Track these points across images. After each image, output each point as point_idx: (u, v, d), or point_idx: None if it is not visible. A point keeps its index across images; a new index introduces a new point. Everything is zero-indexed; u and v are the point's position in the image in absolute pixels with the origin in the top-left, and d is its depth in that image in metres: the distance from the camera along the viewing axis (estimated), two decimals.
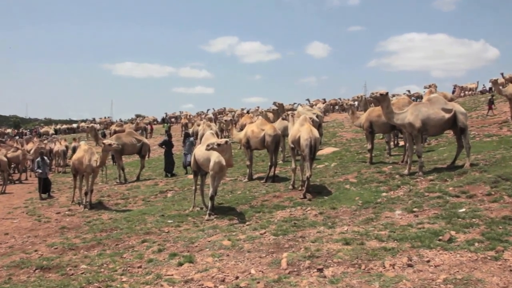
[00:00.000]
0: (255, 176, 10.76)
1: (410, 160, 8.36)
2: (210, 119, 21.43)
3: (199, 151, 7.70)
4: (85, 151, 9.40)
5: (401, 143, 12.32)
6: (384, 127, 10.03)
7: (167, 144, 13.80)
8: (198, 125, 19.27)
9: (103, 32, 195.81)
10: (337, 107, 34.53)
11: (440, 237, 4.66)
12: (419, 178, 7.71)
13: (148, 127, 30.91)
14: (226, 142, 6.61)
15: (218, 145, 6.50)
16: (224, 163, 6.87)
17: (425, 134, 8.75)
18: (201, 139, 10.59)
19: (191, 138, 14.23)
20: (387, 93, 8.30)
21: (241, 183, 10.05)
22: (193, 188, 8.27)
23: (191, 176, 10.97)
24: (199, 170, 7.93)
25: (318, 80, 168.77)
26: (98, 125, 30.43)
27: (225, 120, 12.16)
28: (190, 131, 18.75)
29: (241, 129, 15.60)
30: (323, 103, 33.45)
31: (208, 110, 35.30)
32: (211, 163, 7.10)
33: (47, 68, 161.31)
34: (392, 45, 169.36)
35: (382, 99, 8.23)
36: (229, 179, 10.88)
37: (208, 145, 6.51)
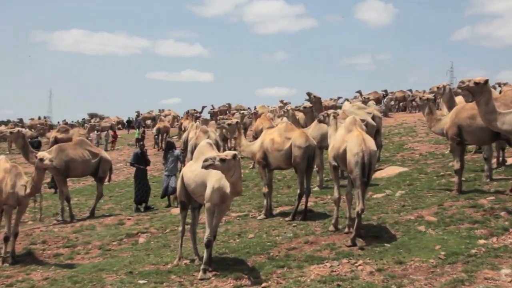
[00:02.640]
0: (276, 211, 10.80)
1: None
2: (206, 122, 21.57)
3: (190, 171, 7.76)
4: (6, 172, 9.29)
5: (510, 160, 12.21)
6: (481, 135, 9.96)
7: (140, 161, 13.96)
8: (188, 131, 19.45)
9: None
10: (405, 104, 34.48)
11: None
12: None
13: (110, 133, 31.41)
14: (234, 156, 6.64)
15: (222, 160, 6.51)
16: (228, 190, 6.90)
17: None
18: (192, 153, 10.66)
19: (177, 151, 14.36)
20: (486, 82, 8.25)
21: (254, 222, 10.10)
22: (180, 229, 8.31)
23: (176, 211, 11.03)
24: (189, 201, 7.99)
25: (374, 61, 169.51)
26: (27, 129, 30.40)
27: (229, 124, 12.16)
28: (177, 139, 18.88)
29: (255, 138, 15.71)
30: (384, 96, 33.53)
31: (203, 107, 35.81)
32: (208, 190, 7.13)
33: None
34: (494, 4, 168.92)
35: (478, 91, 8.21)
36: (235, 214, 10.94)
37: (205, 161, 6.52)
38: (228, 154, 6.66)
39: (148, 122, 39.36)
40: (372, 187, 11.71)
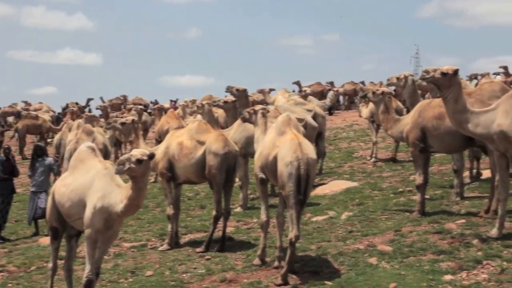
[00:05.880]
0: (184, 239, 10.77)
1: (502, 209, 8.61)
2: (93, 120, 21.09)
3: (64, 186, 7.61)
4: None
5: (486, 173, 12.66)
6: (450, 141, 10.32)
7: (4, 169, 13.53)
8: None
9: None
10: (356, 99, 35.36)
11: None
12: None
13: None
14: (151, 156, 6.80)
15: (139, 162, 6.60)
16: (117, 209, 6.85)
17: None
18: (69, 160, 10.37)
19: (49, 159, 13.97)
20: (456, 72, 8.53)
21: (154, 254, 10.03)
22: (49, 265, 8.11)
23: (46, 240, 10.66)
24: (64, 227, 7.84)
25: (317, 42, 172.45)
26: None
27: (123, 123, 11.95)
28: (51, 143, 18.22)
29: (159, 141, 15.50)
30: (328, 90, 34.21)
31: (89, 100, 35.08)
32: (89, 212, 7.02)
33: None
34: None
35: (446, 84, 8.44)
36: (129, 244, 10.79)
37: (120, 164, 6.59)
38: (142, 153, 6.72)
39: (10, 119, 37.98)
40: (311, 207, 11.87)
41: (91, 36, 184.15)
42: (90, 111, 31.80)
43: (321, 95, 31.71)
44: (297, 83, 34.48)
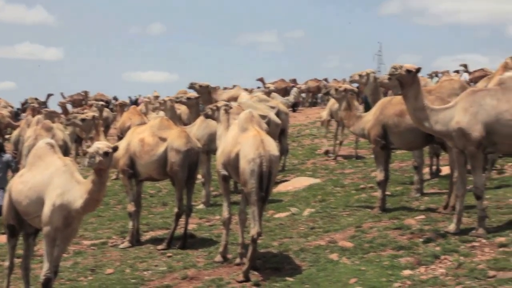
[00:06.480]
0: (145, 237, 10.74)
1: (460, 205, 8.73)
2: (52, 116, 20.80)
3: (21, 183, 7.53)
4: None
5: (445, 170, 12.86)
6: (410, 138, 10.46)
7: None
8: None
9: None
10: (320, 97, 35.61)
11: None
12: (477, 241, 8.05)
13: None
14: (115, 148, 6.87)
15: (106, 154, 6.60)
16: (76, 205, 6.81)
17: (491, 152, 9.13)
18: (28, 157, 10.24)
19: (7, 155, 13.72)
20: (418, 70, 8.63)
21: (115, 252, 9.98)
22: (6, 264, 8.00)
23: (3, 239, 10.50)
24: (21, 225, 7.75)
25: (282, 39, 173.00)
26: None
27: (84, 119, 11.82)
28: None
29: (121, 138, 15.38)
30: (291, 87, 34.38)
31: (49, 96, 34.72)
32: (47, 209, 6.96)
33: None
34: None
35: (409, 82, 8.53)
36: (89, 242, 10.73)
37: (91, 157, 6.56)
38: (107, 145, 6.75)
39: None
40: (274, 203, 11.94)
41: (51, 30, 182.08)
42: (46, 106, 31.33)
43: (284, 92, 31.85)
44: (261, 80, 34.63)
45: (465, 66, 30.55)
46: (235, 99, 17.80)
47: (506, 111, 8.20)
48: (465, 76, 28.56)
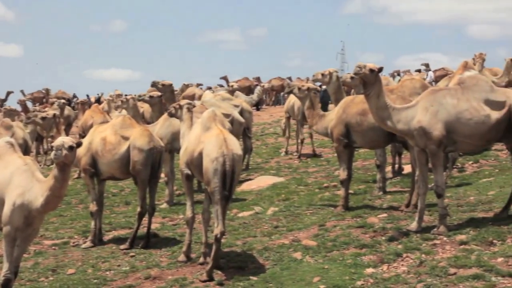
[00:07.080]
0: (108, 236, 10.67)
1: (422, 203, 8.85)
2: (12, 114, 20.57)
3: None
4: None
5: (407, 168, 13.02)
6: (373, 137, 10.56)
7: None
8: None
9: None
10: (284, 96, 35.68)
11: None
12: (439, 239, 8.18)
13: None
14: (79, 144, 6.88)
15: (71, 149, 6.59)
16: (36, 205, 6.75)
17: (451, 150, 9.30)
18: None
19: None
20: (381, 70, 8.72)
21: (77, 252, 9.89)
22: None
23: None
24: None
25: (245, 37, 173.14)
26: None
27: (44, 118, 11.72)
28: None
29: (82, 136, 15.26)
30: (255, 85, 34.42)
31: (8, 93, 34.28)
32: (7, 209, 6.90)
33: None
34: None
35: (372, 81, 8.60)
36: (50, 242, 10.62)
37: (57, 149, 6.49)
38: (71, 140, 6.74)
39: None
40: (238, 202, 11.95)
41: (10, 27, 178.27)
42: (5, 104, 30.93)
43: (248, 90, 31.83)
44: (225, 78, 34.58)
45: (426, 65, 30.94)
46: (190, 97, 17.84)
47: (465, 110, 8.36)
48: (431, 75, 28.99)
